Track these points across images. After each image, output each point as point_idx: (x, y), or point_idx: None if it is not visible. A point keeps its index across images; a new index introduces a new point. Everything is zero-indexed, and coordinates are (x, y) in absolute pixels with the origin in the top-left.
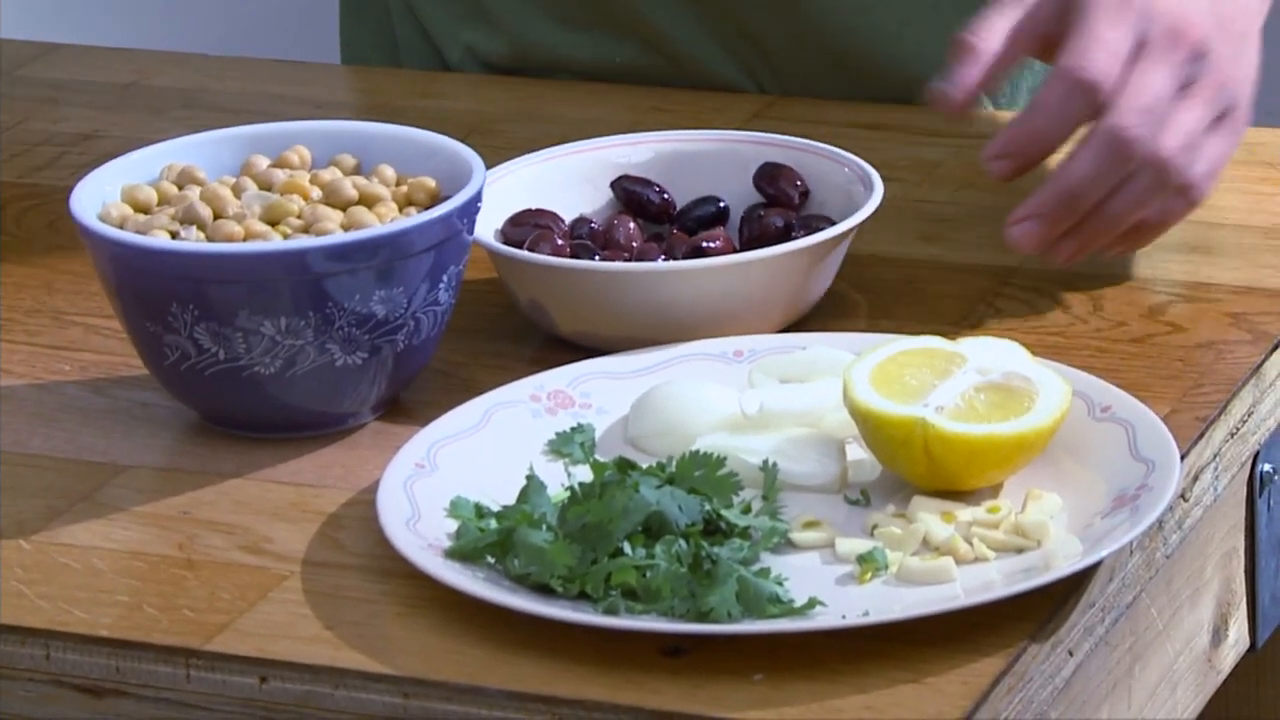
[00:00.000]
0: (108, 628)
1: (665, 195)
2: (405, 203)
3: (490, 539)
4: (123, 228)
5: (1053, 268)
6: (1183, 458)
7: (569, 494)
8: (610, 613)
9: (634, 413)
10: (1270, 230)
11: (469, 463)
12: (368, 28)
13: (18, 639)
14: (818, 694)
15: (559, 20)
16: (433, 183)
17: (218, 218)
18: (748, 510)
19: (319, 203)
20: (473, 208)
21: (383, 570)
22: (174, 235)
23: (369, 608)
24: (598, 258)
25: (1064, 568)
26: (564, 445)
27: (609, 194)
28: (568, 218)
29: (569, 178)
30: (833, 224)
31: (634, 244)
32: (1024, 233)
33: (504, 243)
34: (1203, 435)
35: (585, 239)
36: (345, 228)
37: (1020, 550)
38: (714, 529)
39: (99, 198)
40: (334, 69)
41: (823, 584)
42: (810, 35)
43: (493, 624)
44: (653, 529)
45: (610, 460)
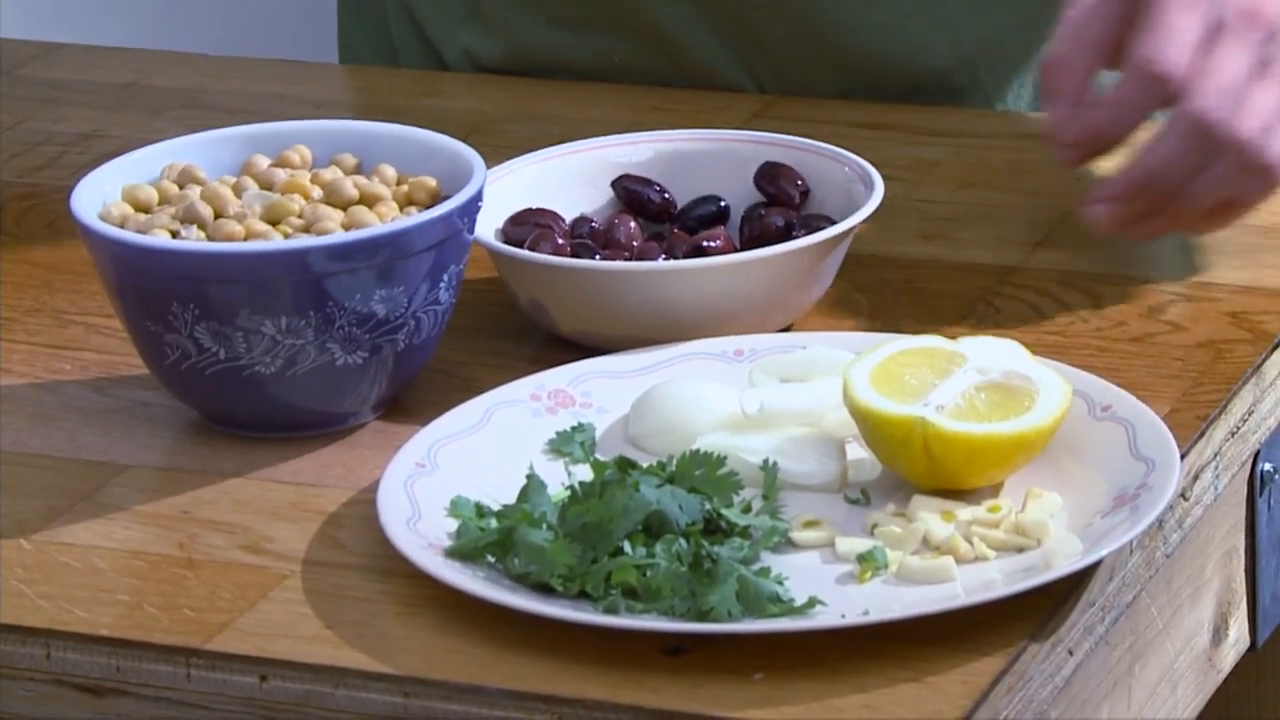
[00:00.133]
0: (108, 627)
1: (666, 194)
2: (406, 202)
3: (490, 538)
4: (123, 227)
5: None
6: (1183, 457)
7: (569, 493)
8: (610, 612)
9: (634, 412)
10: (1270, 229)
11: (469, 462)
12: (365, 29)
13: (18, 638)
14: (818, 693)
15: (556, 22)
16: (433, 182)
17: (218, 217)
18: (748, 509)
19: (320, 202)
20: (473, 207)
21: (383, 569)
22: (174, 235)
23: (369, 607)
24: (598, 257)
25: (1064, 567)
26: (564, 444)
27: (609, 193)
28: (568, 217)
29: (569, 177)
30: (833, 223)
31: (634, 243)
32: (1103, 214)
33: (504, 242)
34: (1203, 434)
35: (586, 238)
36: (346, 227)
37: (1020, 549)
38: (714, 528)
39: (99, 197)
40: (334, 69)
41: (823, 583)
42: (811, 32)
43: (493, 623)
44: (653, 528)
45: (610, 459)
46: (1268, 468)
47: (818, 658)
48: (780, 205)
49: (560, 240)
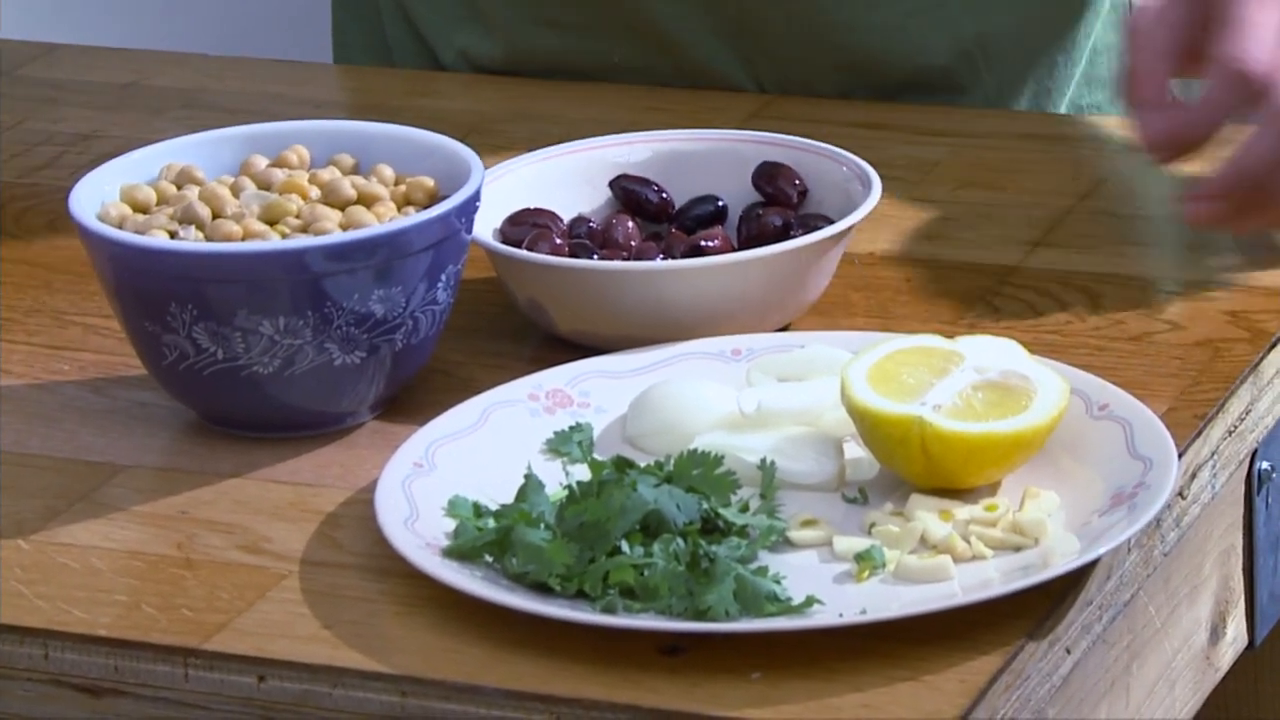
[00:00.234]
0: (106, 627)
1: (664, 194)
2: (404, 202)
3: (488, 538)
4: (121, 227)
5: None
6: (1180, 455)
7: (567, 493)
8: (608, 611)
9: (632, 411)
10: (1267, 228)
11: (467, 462)
12: (360, 28)
13: (16, 638)
14: (815, 692)
15: (555, 23)
16: (431, 182)
17: (216, 217)
18: (745, 509)
19: (317, 202)
20: (471, 207)
21: (381, 569)
22: (173, 235)
23: (367, 607)
24: (596, 257)
25: (1062, 566)
26: (562, 444)
27: (607, 193)
28: (566, 217)
29: (567, 177)
30: (831, 223)
31: (632, 243)
32: (1200, 211)
33: (502, 242)
34: (1200, 433)
35: (584, 238)
36: (344, 227)
37: (1018, 548)
38: (712, 527)
39: (98, 197)
40: (332, 69)
41: (820, 582)
42: (812, 30)
43: (490, 623)
44: (651, 528)
45: (608, 459)
46: (1265, 466)
47: (815, 657)
48: (778, 205)
49: (558, 240)
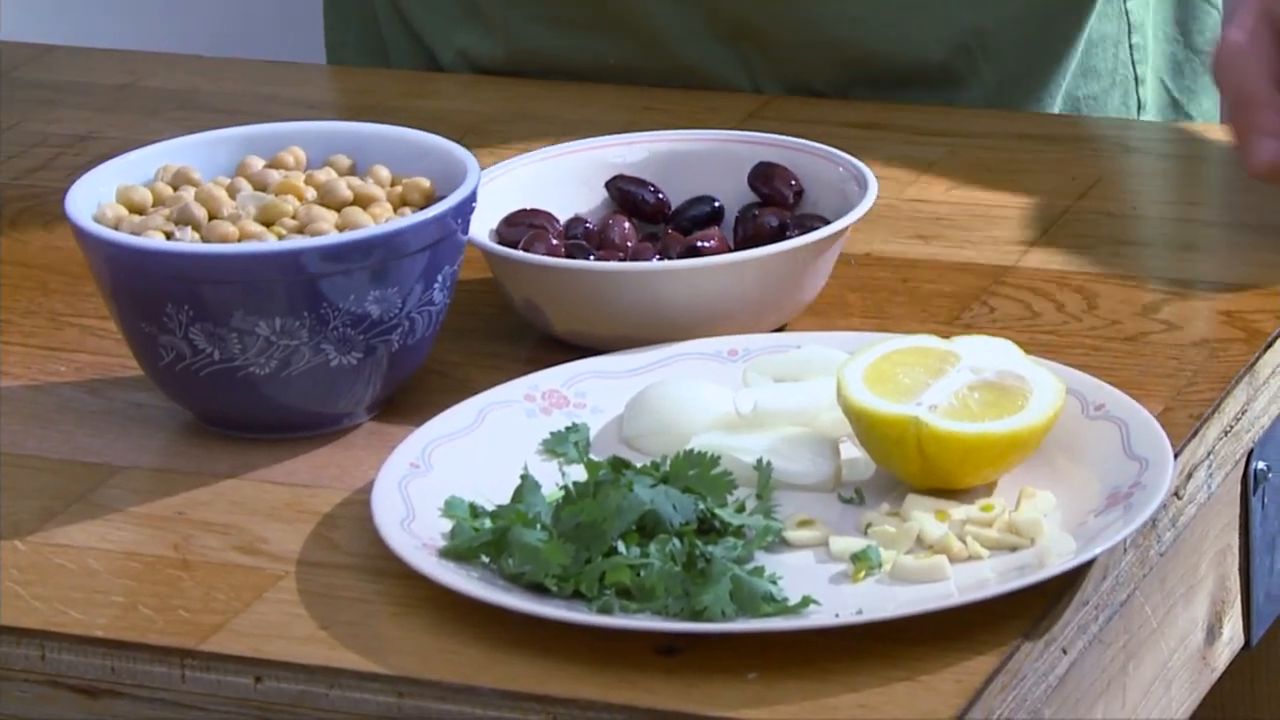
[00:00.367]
0: (103, 628)
1: (660, 195)
2: (400, 203)
3: (485, 538)
4: (118, 229)
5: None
6: (1176, 455)
7: (563, 493)
8: (604, 612)
9: (629, 412)
10: (1264, 228)
11: (464, 462)
12: (353, 31)
13: (13, 639)
14: (811, 692)
15: (553, 21)
16: (427, 183)
17: (212, 218)
18: (742, 509)
19: (314, 203)
20: (467, 208)
21: (377, 570)
22: (169, 236)
23: (364, 607)
24: (593, 258)
25: (1058, 565)
26: (558, 445)
27: (604, 194)
28: (562, 218)
29: (564, 178)
30: (827, 223)
31: (629, 244)
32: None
33: (499, 243)
34: (1196, 433)
35: (580, 239)
36: (340, 228)
37: (1014, 548)
38: (708, 528)
39: (94, 199)
40: (329, 70)
41: (817, 582)
42: (808, 26)
43: (487, 623)
44: (647, 528)
45: (605, 459)
46: (1261, 466)
47: (811, 657)
48: (774, 205)
49: (555, 241)
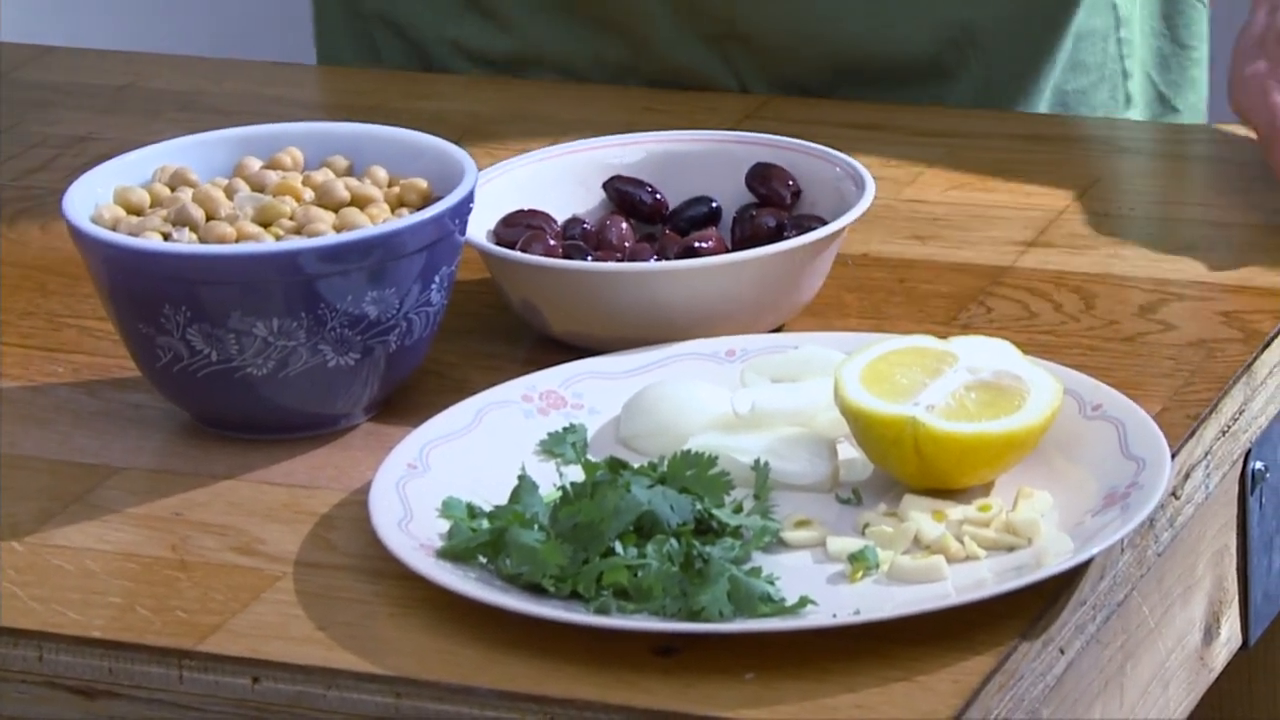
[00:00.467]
0: (100, 629)
1: (657, 195)
2: (397, 204)
3: (482, 539)
4: (115, 230)
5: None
6: (1173, 456)
7: (561, 494)
8: (602, 612)
9: (626, 413)
10: (1261, 228)
11: (461, 463)
12: (341, 29)
13: (11, 640)
14: (809, 693)
15: (549, 12)
16: (425, 184)
17: (210, 219)
18: (739, 509)
19: (311, 204)
20: (464, 208)
21: (375, 571)
22: (166, 237)
23: (361, 608)
24: (590, 258)
25: (1055, 565)
26: (556, 445)
27: (601, 194)
28: (560, 218)
29: (561, 178)
30: (824, 224)
31: (626, 244)
32: None
33: (496, 243)
34: (1194, 433)
35: (578, 239)
36: (337, 229)
37: (1011, 548)
38: (705, 528)
39: (92, 200)
40: (327, 71)
41: (814, 583)
42: (798, 22)
43: (485, 624)
44: (644, 528)
45: (602, 460)
46: (1259, 466)
47: (809, 657)
48: (772, 206)
49: (552, 241)
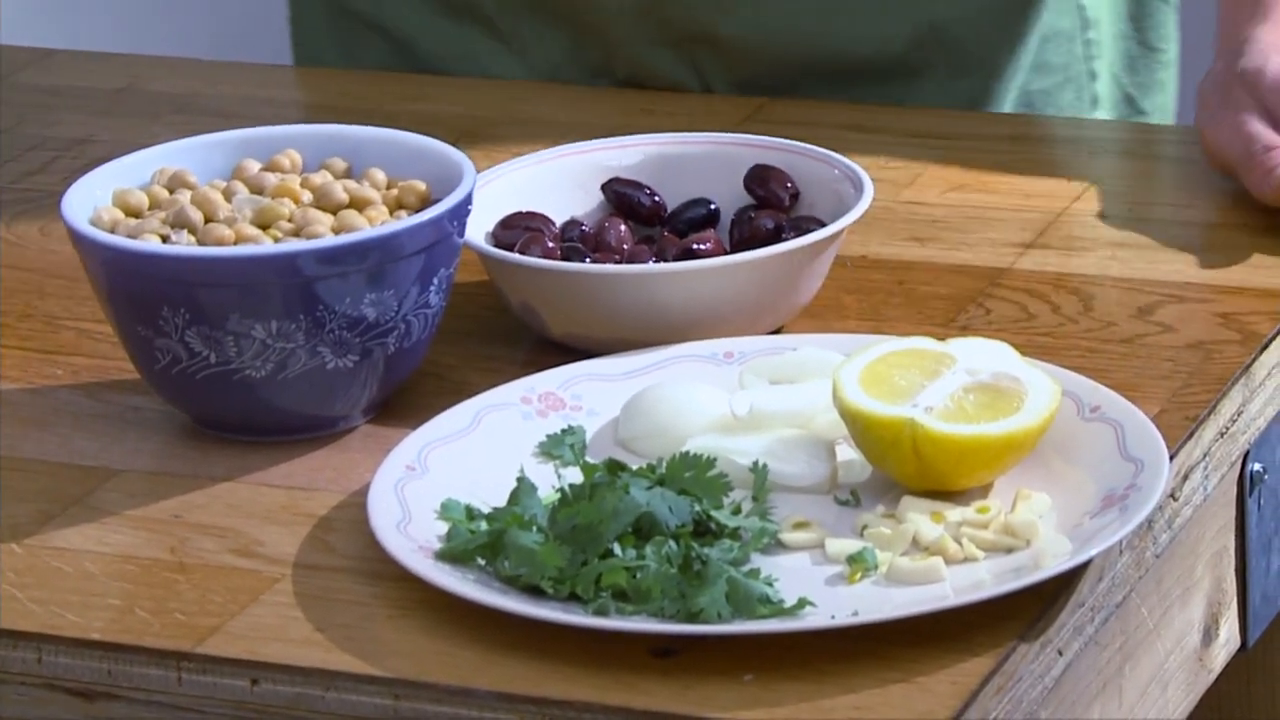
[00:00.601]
0: (99, 631)
1: (656, 198)
2: (396, 206)
3: (481, 541)
4: (114, 232)
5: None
6: (1172, 457)
7: (559, 496)
8: (600, 614)
9: (624, 414)
10: (1259, 229)
11: (460, 465)
12: (323, 30)
13: (10, 642)
14: (807, 694)
15: (516, 10)
16: (423, 186)
17: (208, 221)
18: (738, 511)
19: (310, 206)
20: (463, 210)
21: (373, 572)
22: (165, 239)
23: (360, 610)
24: (589, 260)
25: (1053, 567)
26: (554, 447)
27: (600, 197)
28: (558, 220)
29: (560, 180)
30: (823, 225)
31: (625, 246)
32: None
33: (495, 245)
34: (1192, 435)
35: (576, 241)
36: (336, 231)
37: (1010, 550)
38: (704, 530)
39: (90, 202)
40: (326, 74)
41: (812, 584)
42: (762, 22)
43: (483, 626)
44: (643, 530)
45: (600, 462)
46: (1257, 468)
47: (807, 659)
48: (770, 208)
49: (551, 243)
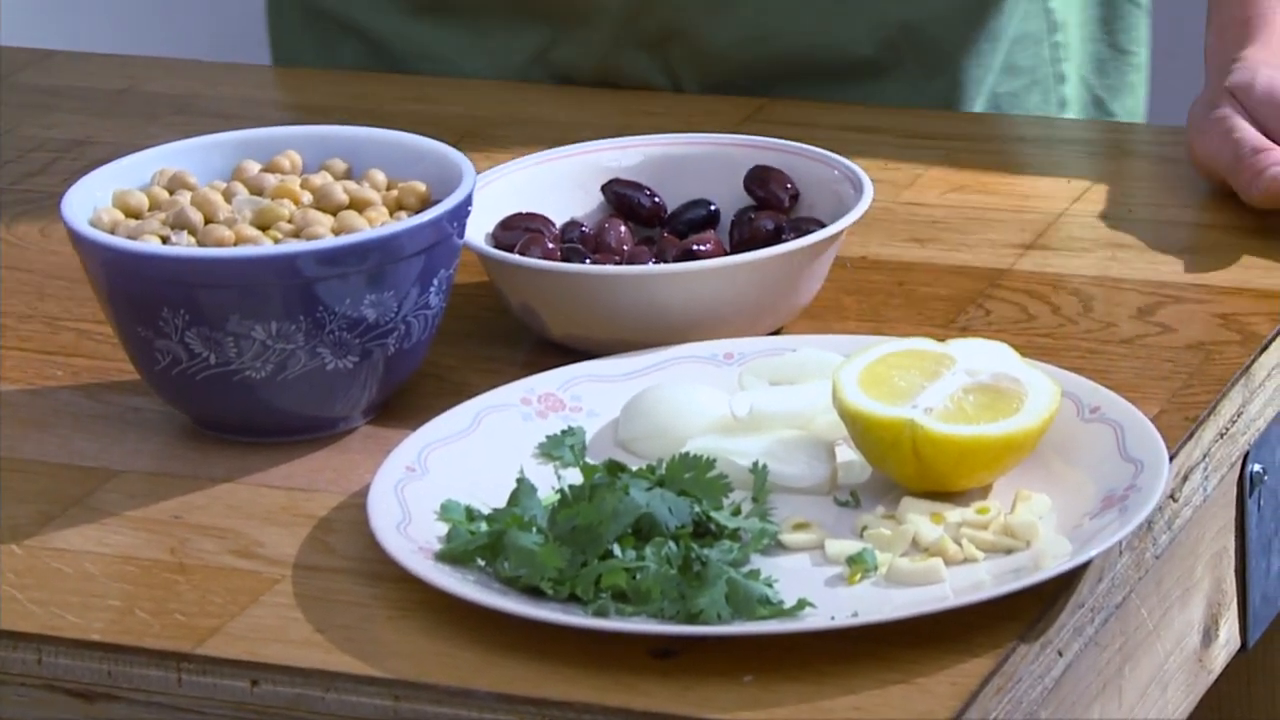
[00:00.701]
0: (99, 632)
1: (656, 198)
2: (396, 207)
3: (480, 542)
4: (114, 233)
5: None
6: (1172, 458)
7: (559, 497)
8: (600, 615)
9: (624, 415)
10: (1258, 230)
11: (459, 466)
12: (299, 30)
13: (10, 643)
14: (807, 695)
15: (490, 9)
16: (423, 187)
17: (208, 222)
18: (737, 512)
19: (309, 207)
20: (463, 211)
21: (373, 573)
22: (165, 240)
23: (360, 611)
24: (589, 261)
25: (1053, 568)
26: (554, 448)
27: (600, 197)
28: (558, 221)
29: (560, 181)
30: (823, 226)
31: (625, 247)
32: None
33: (495, 246)
34: (1192, 435)
35: (576, 242)
36: (336, 232)
37: (1009, 551)
38: (704, 531)
39: (90, 203)
40: (325, 74)
41: (812, 585)
42: (731, 23)
43: (483, 627)
44: (643, 531)
45: (600, 463)
46: (1257, 469)
47: (807, 660)
48: (770, 209)
49: (550, 244)
